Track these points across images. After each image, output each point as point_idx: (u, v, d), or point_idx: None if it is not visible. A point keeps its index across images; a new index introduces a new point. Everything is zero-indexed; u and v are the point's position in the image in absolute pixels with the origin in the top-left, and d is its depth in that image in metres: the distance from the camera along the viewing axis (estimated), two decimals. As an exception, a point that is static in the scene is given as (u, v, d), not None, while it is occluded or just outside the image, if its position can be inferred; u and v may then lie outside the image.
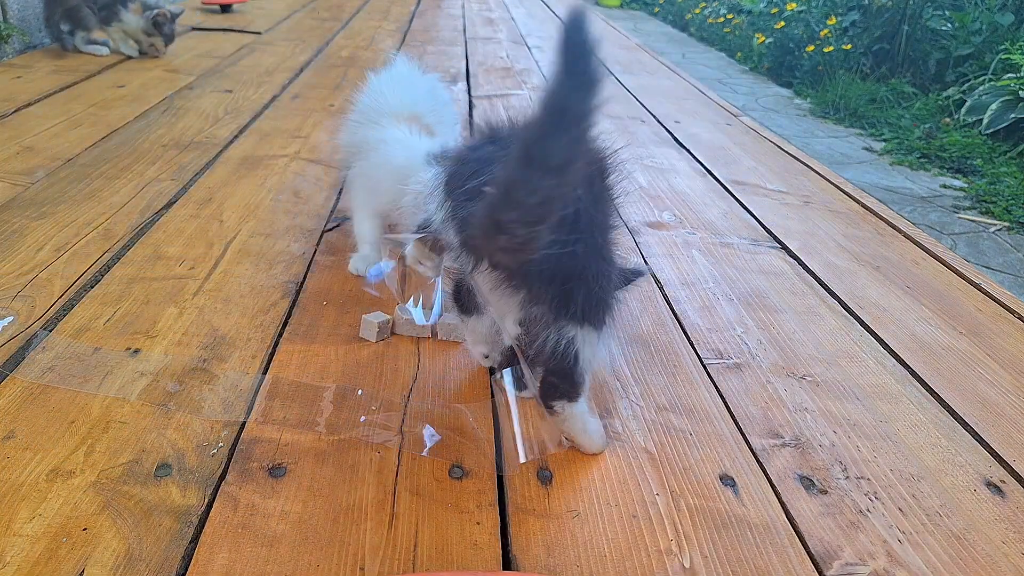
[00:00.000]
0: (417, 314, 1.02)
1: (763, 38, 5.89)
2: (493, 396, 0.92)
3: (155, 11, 2.43)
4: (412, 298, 1.05)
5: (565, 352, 0.76)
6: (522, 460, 0.79)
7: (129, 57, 2.51)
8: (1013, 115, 3.79)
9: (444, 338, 1.03)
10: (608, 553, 0.72)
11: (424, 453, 0.82)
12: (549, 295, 0.73)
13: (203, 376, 0.93)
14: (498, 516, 0.75)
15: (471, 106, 2.24)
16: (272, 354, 0.98)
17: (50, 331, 0.99)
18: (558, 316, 0.74)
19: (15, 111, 1.88)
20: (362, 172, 1.14)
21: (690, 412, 0.93)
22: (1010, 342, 1.14)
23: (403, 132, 1.09)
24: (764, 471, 0.84)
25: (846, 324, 1.15)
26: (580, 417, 0.82)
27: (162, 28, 2.46)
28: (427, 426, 0.86)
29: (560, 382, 0.79)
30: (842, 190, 1.74)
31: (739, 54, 6.29)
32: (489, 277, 0.74)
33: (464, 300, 0.90)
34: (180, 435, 0.83)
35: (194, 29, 3.09)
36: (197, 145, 1.73)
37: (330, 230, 1.34)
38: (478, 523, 0.74)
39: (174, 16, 2.50)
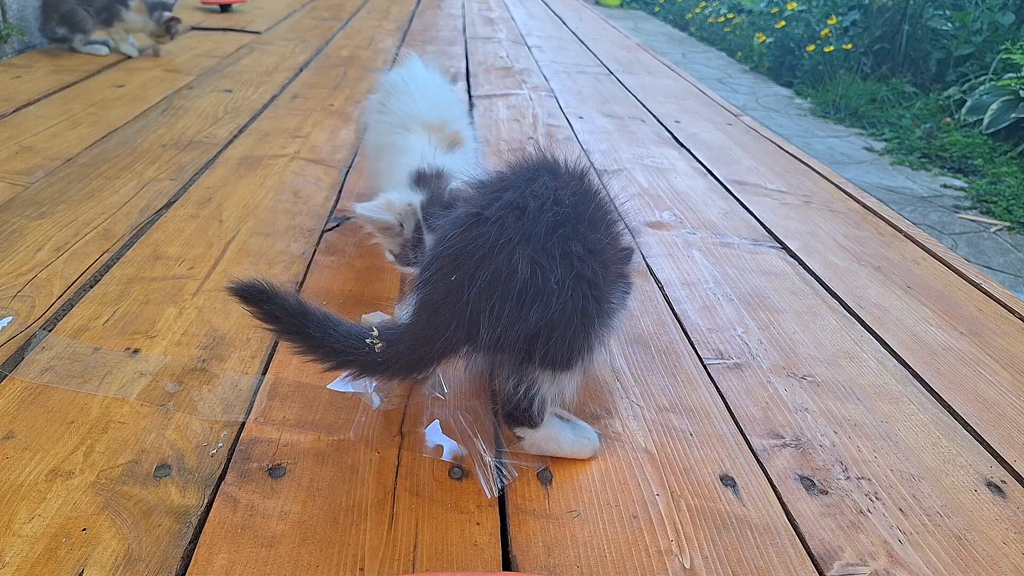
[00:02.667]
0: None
1: (763, 38, 5.89)
2: (494, 396, 0.92)
3: (166, 15, 2.45)
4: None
5: (525, 393, 0.76)
6: (489, 496, 0.77)
7: (128, 57, 2.51)
8: (1014, 115, 3.79)
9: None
10: (608, 553, 0.71)
11: (427, 453, 0.82)
12: (514, 350, 0.73)
13: (202, 376, 0.93)
14: (498, 516, 0.75)
15: (471, 106, 2.24)
16: (272, 354, 0.98)
17: (49, 331, 0.99)
18: (520, 363, 0.74)
19: (14, 111, 1.88)
20: (380, 172, 1.19)
21: (690, 412, 0.93)
22: (1010, 342, 1.13)
23: (424, 143, 1.11)
24: (764, 471, 0.84)
25: (846, 324, 1.15)
26: (550, 439, 0.82)
27: (171, 29, 2.49)
28: (428, 426, 0.86)
29: (516, 413, 0.79)
30: (843, 190, 1.74)
31: (739, 54, 6.29)
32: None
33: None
34: (180, 435, 0.82)
35: (194, 29, 3.09)
36: (196, 145, 1.73)
37: (330, 230, 1.34)
38: (478, 523, 0.74)
39: (167, 4, 2.50)
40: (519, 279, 0.68)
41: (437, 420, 0.87)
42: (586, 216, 0.72)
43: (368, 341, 0.76)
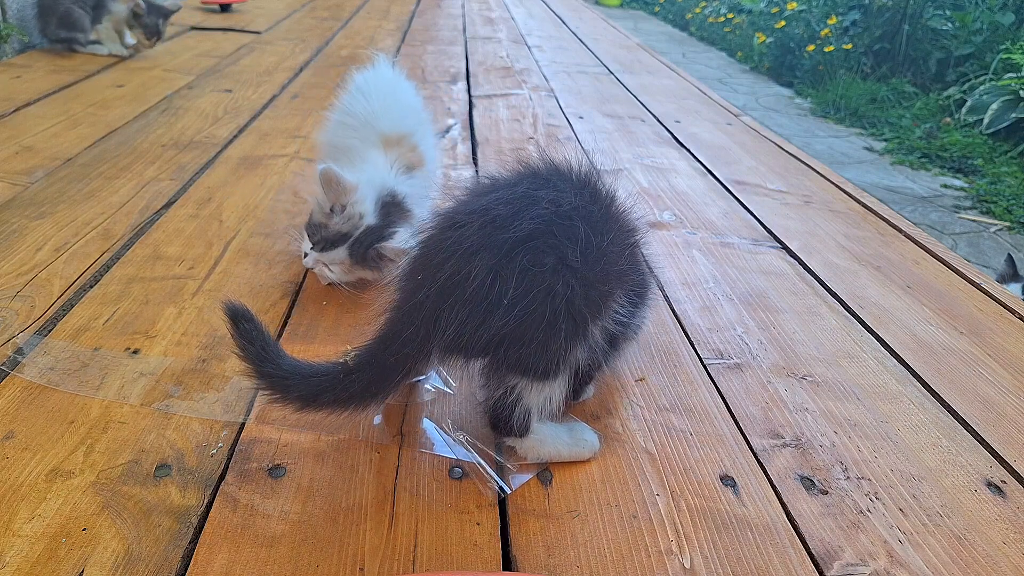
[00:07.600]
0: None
1: (764, 37, 5.89)
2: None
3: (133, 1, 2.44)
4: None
5: (505, 400, 0.76)
6: (505, 493, 0.77)
7: (127, 57, 2.51)
8: (1014, 115, 3.79)
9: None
10: (608, 553, 0.71)
11: (435, 451, 0.82)
12: (482, 354, 0.74)
13: (202, 376, 0.93)
14: (498, 516, 0.75)
15: (471, 106, 2.24)
16: (272, 354, 0.98)
17: (49, 331, 0.99)
18: (493, 368, 0.75)
19: (14, 111, 1.88)
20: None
21: (690, 412, 0.93)
22: (1010, 342, 1.13)
23: (383, 160, 1.11)
24: (764, 471, 0.84)
25: (847, 324, 1.15)
26: (544, 445, 0.81)
27: (141, 19, 2.46)
28: (427, 424, 0.86)
29: (499, 423, 0.79)
30: (843, 190, 1.74)
31: (740, 53, 6.30)
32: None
33: None
34: (179, 435, 0.82)
35: (193, 29, 3.08)
36: (196, 145, 1.73)
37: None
38: (478, 523, 0.74)
39: (165, 12, 2.49)
40: (472, 285, 0.68)
41: (433, 420, 0.87)
42: (572, 228, 0.70)
43: (342, 360, 0.77)
